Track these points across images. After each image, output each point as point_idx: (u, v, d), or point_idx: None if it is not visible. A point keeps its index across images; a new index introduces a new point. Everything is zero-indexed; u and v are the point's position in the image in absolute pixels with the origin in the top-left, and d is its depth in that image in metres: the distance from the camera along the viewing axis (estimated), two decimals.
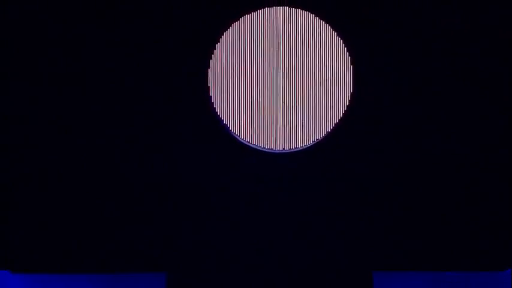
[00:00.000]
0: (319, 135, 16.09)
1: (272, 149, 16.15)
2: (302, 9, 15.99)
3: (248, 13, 15.99)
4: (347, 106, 16.03)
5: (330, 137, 16.06)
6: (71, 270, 14.42)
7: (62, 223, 15.06)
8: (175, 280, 14.74)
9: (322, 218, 14.97)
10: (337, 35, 15.89)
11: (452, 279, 14.04)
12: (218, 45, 16.02)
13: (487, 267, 14.21)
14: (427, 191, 14.86)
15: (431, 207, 14.82)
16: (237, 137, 16.06)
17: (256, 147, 16.16)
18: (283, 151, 16.19)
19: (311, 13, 15.96)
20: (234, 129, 16.11)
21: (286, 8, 16.03)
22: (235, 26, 16.03)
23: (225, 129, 15.98)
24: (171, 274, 14.75)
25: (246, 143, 16.11)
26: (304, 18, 16.09)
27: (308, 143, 16.15)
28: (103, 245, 14.96)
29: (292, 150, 16.17)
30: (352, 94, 15.97)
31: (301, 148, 16.17)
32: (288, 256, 15.18)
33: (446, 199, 14.88)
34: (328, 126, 16.08)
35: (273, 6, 16.00)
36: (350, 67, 15.95)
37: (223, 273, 15.18)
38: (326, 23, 15.93)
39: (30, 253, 14.66)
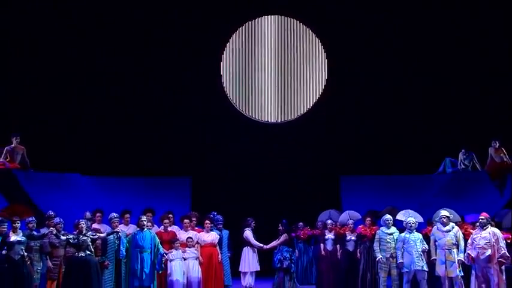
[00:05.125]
0: (303, 111, 19.20)
1: (268, 121, 19.34)
2: (290, 18, 19.40)
3: (250, 20, 19.39)
4: (323, 90, 19.31)
5: (310, 111, 19.15)
6: (122, 174, 16.86)
7: (118, 141, 17.94)
8: (198, 183, 17.28)
9: (304, 149, 17.60)
10: (316, 36, 18.99)
11: (400, 181, 16.49)
12: (228, 44, 19.33)
13: (425, 171, 16.75)
14: (380, 123, 18.12)
15: (384, 133, 18.07)
16: (243, 112, 19.07)
17: (256, 119, 19.27)
18: (277, 122, 19.26)
19: (297, 20, 19.15)
20: (239, 106, 19.28)
21: (278, 16, 19.36)
22: (241, 29, 19.39)
23: (233, 106, 18.97)
24: (194, 178, 17.19)
25: (249, 116, 19.22)
26: (292, 24, 19.38)
27: (295, 116, 19.21)
28: (144, 157, 17.87)
29: (283, 122, 19.25)
30: (327, 80, 19.23)
31: (290, 120, 19.24)
32: (277, 168, 18.19)
33: (394, 130, 18.01)
34: (309, 104, 19.26)
35: (268, 15, 19.13)
36: (325, 60, 19.28)
37: (234, 179, 18.12)
38: (307, 27, 19.30)
39: (94, 161, 17.24)
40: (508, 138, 15.61)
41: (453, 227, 12.60)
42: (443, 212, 12.78)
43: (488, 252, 11.86)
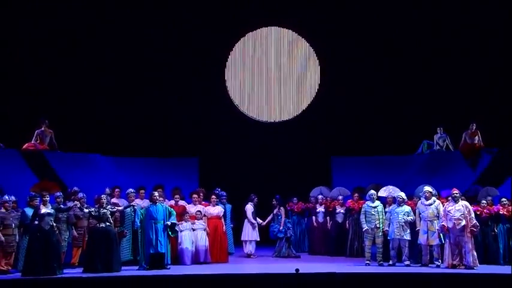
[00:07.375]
0: (298, 112, 20.50)
1: (267, 121, 20.64)
2: (287, 29, 20.76)
3: (251, 31, 20.86)
4: (316, 93, 20.65)
5: (304, 112, 20.43)
6: (138, 155, 17.98)
7: (135, 127, 19.13)
8: (205, 163, 18.47)
9: (300, 139, 19.20)
10: (310, 45, 20.68)
11: (384, 161, 17.67)
12: (232, 52, 20.81)
13: (405, 152, 17.89)
14: (366, 113, 19.32)
15: (370, 120, 19.29)
16: (244, 112, 20.59)
17: (257, 119, 20.54)
18: (274, 122, 20.52)
19: (292, 30, 20.78)
20: (242, 107, 20.60)
21: (276, 27, 20.80)
22: (243, 39, 20.82)
23: (236, 107, 20.39)
24: (202, 158, 18.44)
25: (250, 116, 20.50)
26: (287, 34, 20.78)
27: (291, 116, 20.50)
28: (159, 141, 19.01)
29: (280, 121, 20.51)
30: (319, 84, 20.66)
31: (287, 119, 20.48)
32: (275, 152, 19.54)
33: (379, 117, 19.30)
34: (304, 106, 20.58)
35: (267, 27, 20.75)
36: (318, 66, 20.70)
37: (237, 161, 19.23)
38: (302, 37, 20.79)
39: (113, 143, 18.28)
40: (483, 122, 16.79)
41: (435, 201, 13.52)
42: (427, 188, 13.69)
43: (463, 222, 12.93)
